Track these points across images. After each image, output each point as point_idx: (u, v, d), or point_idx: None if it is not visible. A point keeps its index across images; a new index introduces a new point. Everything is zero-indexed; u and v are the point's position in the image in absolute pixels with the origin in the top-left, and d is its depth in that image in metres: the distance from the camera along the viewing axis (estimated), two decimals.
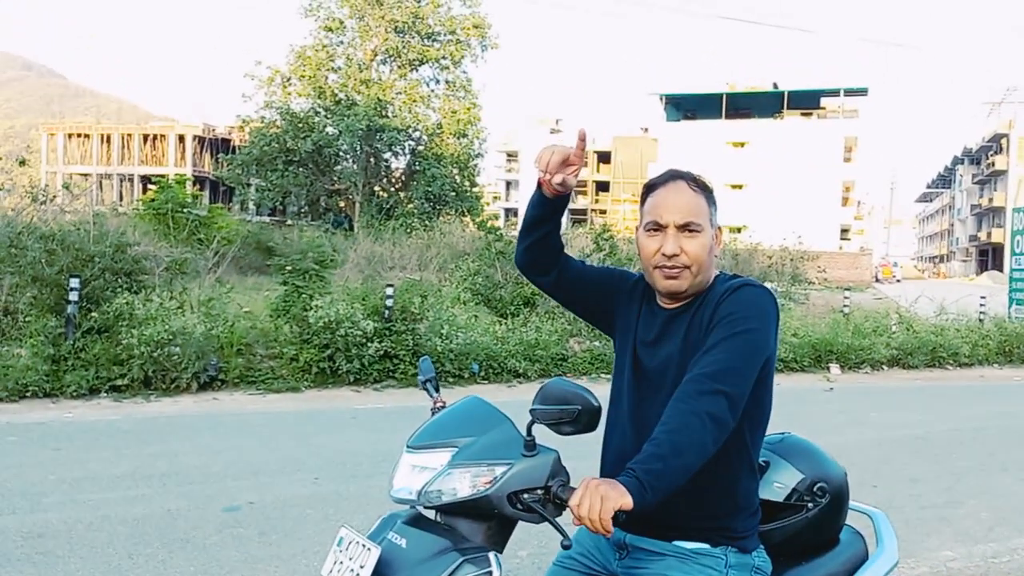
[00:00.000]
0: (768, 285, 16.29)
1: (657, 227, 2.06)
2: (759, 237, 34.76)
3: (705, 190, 2.10)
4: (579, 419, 1.84)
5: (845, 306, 15.24)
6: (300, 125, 37.17)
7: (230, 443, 6.86)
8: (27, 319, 9.41)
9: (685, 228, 2.03)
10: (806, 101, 56.32)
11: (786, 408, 9.04)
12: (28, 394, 8.46)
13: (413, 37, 40.04)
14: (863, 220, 73.07)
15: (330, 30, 39.69)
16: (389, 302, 10.45)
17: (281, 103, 38.33)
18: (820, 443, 2.46)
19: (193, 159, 56.77)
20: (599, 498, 1.68)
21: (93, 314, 9.25)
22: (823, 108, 57.45)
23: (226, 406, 8.64)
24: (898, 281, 53.14)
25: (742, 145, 54.63)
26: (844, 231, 55.36)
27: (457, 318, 11.20)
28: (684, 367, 1.99)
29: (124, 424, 7.55)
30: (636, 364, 2.13)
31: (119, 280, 9.90)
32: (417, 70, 41.44)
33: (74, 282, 9.26)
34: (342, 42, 40.43)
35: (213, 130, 58.00)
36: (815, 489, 2.33)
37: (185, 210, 16.18)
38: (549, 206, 2.14)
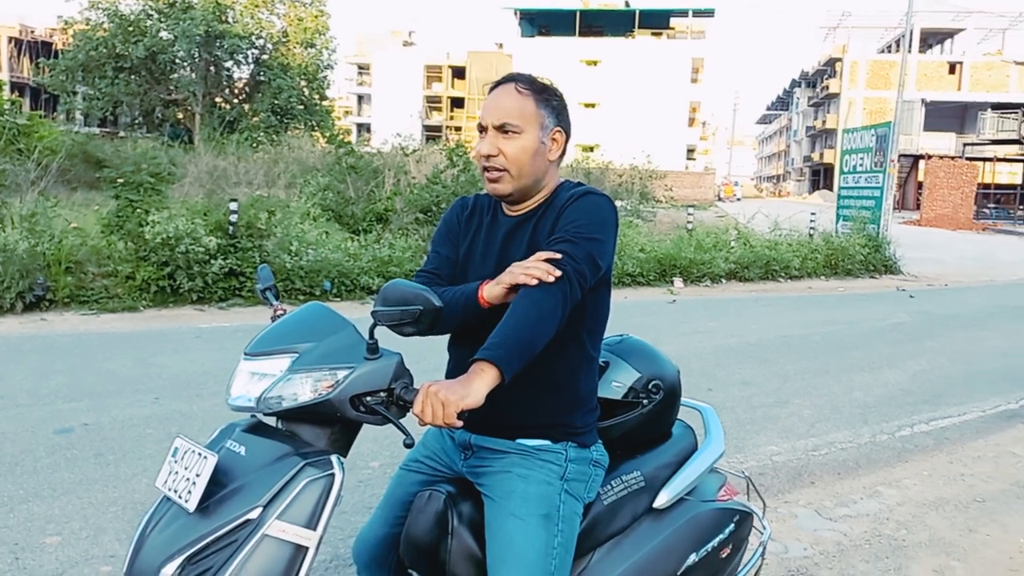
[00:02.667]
0: (618, 203, 16.83)
1: (482, 129, 2.09)
2: (611, 156, 35.54)
3: (538, 92, 2.08)
4: (421, 320, 1.82)
5: (689, 223, 15.87)
6: (131, 28, 34.58)
7: (62, 365, 6.47)
8: None
9: (501, 129, 2.04)
10: (656, 21, 57.26)
11: (632, 320, 9.47)
12: None
13: None
14: (708, 141, 75.86)
15: None
16: (233, 218, 10.03)
17: (109, 4, 35.39)
18: (662, 350, 2.55)
19: (10, 64, 51.84)
20: (440, 404, 1.70)
21: None
22: (672, 28, 58.61)
23: (56, 327, 8.13)
24: (739, 200, 55.86)
25: (595, 63, 55.16)
26: (690, 151, 57.33)
27: (307, 234, 10.90)
28: None
29: None
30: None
31: None
32: None
33: None
34: None
35: (32, 32, 53.06)
36: (650, 386, 2.43)
37: (2, 118, 14.81)
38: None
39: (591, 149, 43.45)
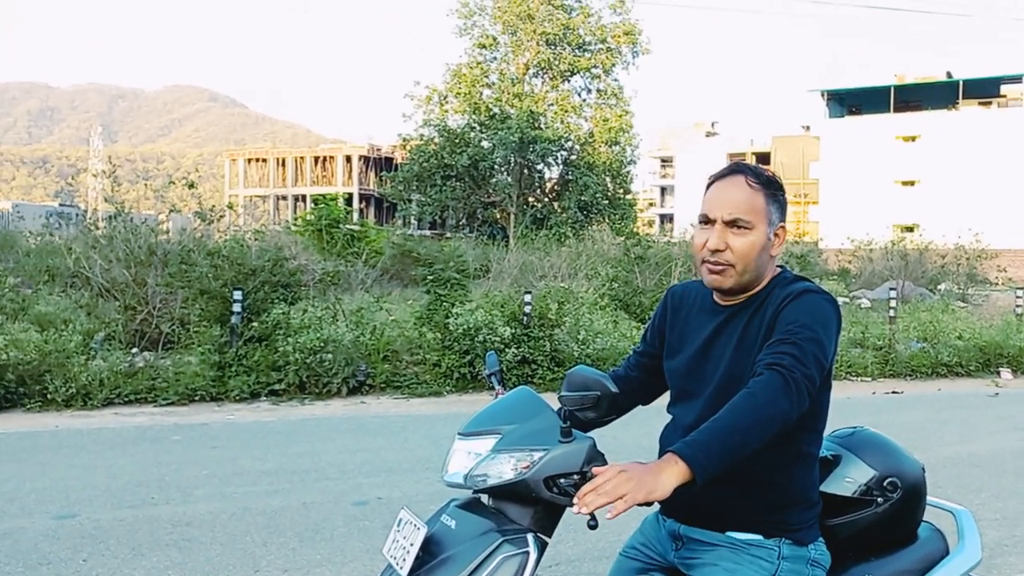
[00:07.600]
0: (941, 287, 15.40)
1: (707, 220, 2.06)
2: (933, 235, 32.69)
3: (768, 187, 2.06)
4: (599, 404, 1.90)
5: (1018, 306, 14.14)
6: (457, 141, 38.42)
7: (369, 444, 7.23)
8: (196, 329, 10.21)
9: (732, 224, 2.01)
10: (984, 89, 52.43)
11: (940, 414, 8.62)
12: (197, 398, 9.19)
13: (564, 48, 40.57)
14: None
15: (484, 47, 40.85)
16: (527, 309, 10.63)
17: (439, 120, 39.78)
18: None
19: (359, 178, 59.75)
20: (615, 486, 1.68)
21: (254, 324, 9.93)
22: (1004, 96, 53.30)
23: (372, 410, 9.07)
24: None
25: (913, 139, 51.56)
26: None
27: (594, 323, 11.23)
28: (739, 366, 2.01)
29: (278, 426, 8.09)
30: (689, 367, 2.15)
31: (277, 292, 10.59)
32: (568, 81, 41.97)
33: (237, 294, 9.95)
34: (495, 58, 41.56)
35: (378, 150, 60.80)
36: (885, 484, 2.27)
37: (339, 225, 17.09)
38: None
39: (910, 229, 40.32)
